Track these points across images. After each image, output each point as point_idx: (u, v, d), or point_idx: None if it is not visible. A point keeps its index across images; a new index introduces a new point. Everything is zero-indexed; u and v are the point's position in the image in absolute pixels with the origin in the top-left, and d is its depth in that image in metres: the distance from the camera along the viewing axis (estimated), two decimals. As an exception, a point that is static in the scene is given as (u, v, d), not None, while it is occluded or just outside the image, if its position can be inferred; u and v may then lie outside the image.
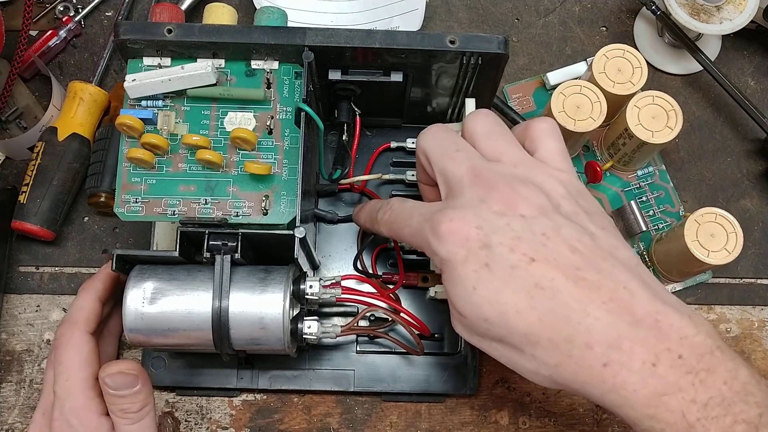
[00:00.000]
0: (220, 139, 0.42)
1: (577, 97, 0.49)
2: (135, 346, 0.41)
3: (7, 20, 0.54)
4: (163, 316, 0.40)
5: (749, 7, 0.51)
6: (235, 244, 0.41)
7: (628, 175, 0.54)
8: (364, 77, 0.45)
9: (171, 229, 0.48)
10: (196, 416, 0.50)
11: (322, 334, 0.43)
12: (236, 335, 0.41)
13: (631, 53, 0.50)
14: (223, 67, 0.43)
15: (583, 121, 0.49)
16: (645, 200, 0.54)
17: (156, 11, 0.45)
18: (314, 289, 0.42)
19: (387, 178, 0.51)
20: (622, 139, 0.50)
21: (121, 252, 0.41)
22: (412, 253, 0.50)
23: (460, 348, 0.49)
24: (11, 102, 0.55)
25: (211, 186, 0.42)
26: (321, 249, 0.51)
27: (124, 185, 0.42)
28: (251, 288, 0.41)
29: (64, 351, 0.42)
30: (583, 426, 0.51)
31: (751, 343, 0.52)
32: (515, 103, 0.56)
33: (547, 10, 0.58)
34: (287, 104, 0.43)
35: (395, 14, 0.55)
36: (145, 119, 0.42)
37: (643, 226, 0.51)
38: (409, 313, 0.47)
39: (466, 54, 0.42)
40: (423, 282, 0.49)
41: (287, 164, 0.42)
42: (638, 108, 0.49)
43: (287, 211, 0.42)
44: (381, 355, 0.49)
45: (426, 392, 0.49)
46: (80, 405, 0.41)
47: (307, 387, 0.49)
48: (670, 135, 0.49)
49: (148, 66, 0.43)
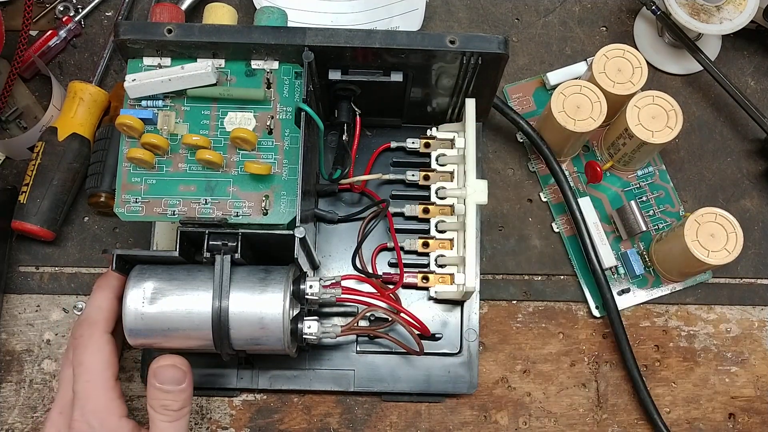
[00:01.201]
0: (220, 139, 0.42)
1: (577, 97, 0.49)
2: (135, 347, 0.41)
3: (7, 20, 0.54)
4: (163, 316, 0.40)
5: (749, 7, 0.51)
6: (235, 244, 0.41)
7: (628, 175, 0.54)
8: (364, 77, 0.45)
9: (171, 229, 0.48)
10: (196, 416, 0.50)
11: (322, 334, 0.43)
12: (236, 335, 0.41)
13: (631, 53, 0.50)
14: (223, 67, 0.43)
15: (583, 121, 0.49)
16: (645, 200, 0.54)
17: (156, 11, 0.45)
18: (314, 289, 0.42)
19: (387, 178, 0.51)
20: (622, 139, 0.50)
21: (121, 252, 0.41)
22: (412, 252, 0.50)
23: (461, 348, 0.50)
24: (11, 102, 0.55)
25: (211, 186, 0.42)
26: (321, 249, 0.51)
27: (124, 185, 0.42)
28: (251, 288, 0.41)
29: (84, 351, 0.42)
30: (583, 426, 0.51)
31: (751, 343, 0.52)
32: (515, 103, 0.56)
33: (547, 10, 0.58)
34: (287, 104, 0.43)
35: (395, 14, 0.55)
36: (145, 119, 0.42)
37: (644, 226, 0.51)
38: (410, 313, 0.47)
39: (466, 54, 0.42)
40: (423, 281, 0.49)
41: (287, 164, 0.42)
42: (638, 108, 0.49)
43: (287, 211, 0.42)
44: (381, 355, 0.49)
45: (426, 392, 0.49)
46: (102, 407, 0.41)
47: (307, 387, 0.49)
48: (670, 135, 0.49)
49: (148, 66, 0.43)
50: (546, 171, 0.53)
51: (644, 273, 0.52)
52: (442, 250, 0.49)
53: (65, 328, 0.51)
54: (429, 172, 0.51)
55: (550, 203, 0.54)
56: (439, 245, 0.49)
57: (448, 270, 0.49)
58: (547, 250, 0.53)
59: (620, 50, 0.50)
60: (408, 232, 0.51)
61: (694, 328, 0.53)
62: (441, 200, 0.50)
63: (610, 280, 0.52)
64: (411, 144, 0.51)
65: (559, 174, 0.51)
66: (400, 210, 0.50)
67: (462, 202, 0.48)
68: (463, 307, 0.50)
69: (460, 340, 0.50)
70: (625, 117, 0.49)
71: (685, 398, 0.51)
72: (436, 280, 0.49)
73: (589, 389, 0.51)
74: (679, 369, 0.52)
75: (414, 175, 0.51)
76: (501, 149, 0.55)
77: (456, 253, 0.49)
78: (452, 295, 0.49)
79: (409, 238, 0.50)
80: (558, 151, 0.53)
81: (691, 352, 0.52)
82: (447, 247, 0.49)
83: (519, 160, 0.55)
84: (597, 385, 0.51)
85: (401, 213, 0.50)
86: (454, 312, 0.50)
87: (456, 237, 0.49)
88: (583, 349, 0.52)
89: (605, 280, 0.50)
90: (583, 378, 0.51)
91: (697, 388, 0.52)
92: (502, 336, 0.52)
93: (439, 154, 0.50)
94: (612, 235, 0.53)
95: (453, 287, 0.48)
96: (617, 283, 0.52)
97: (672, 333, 0.52)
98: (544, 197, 0.54)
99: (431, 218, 0.50)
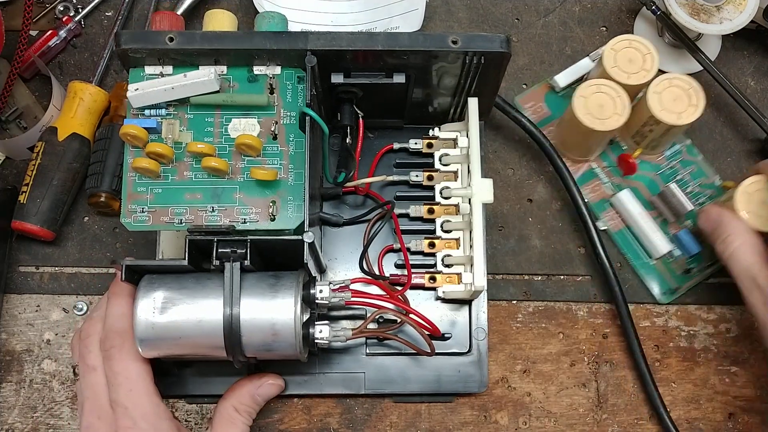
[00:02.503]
0: (224, 146, 0.42)
1: (598, 96, 0.49)
2: (146, 357, 0.41)
3: (7, 20, 0.54)
4: (174, 326, 0.40)
5: (749, 7, 0.51)
6: (245, 251, 0.40)
7: (657, 158, 0.54)
8: (367, 80, 0.45)
9: (176, 236, 0.47)
10: (196, 416, 0.50)
11: (333, 338, 0.43)
12: (248, 342, 0.41)
13: (638, 41, 0.50)
14: (225, 73, 0.43)
15: (609, 119, 0.49)
16: (680, 179, 0.54)
17: (156, 19, 0.44)
18: (324, 294, 0.42)
19: (391, 180, 0.51)
20: (648, 126, 0.50)
21: (130, 263, 0.40)
22: (418, 253, 0.50)
23: (470, 347, 0.50)
24: (11, 102, 0.55)
25: (217, 193, 0.42)
26: (326, 252, 0.51)
27: (130, 195, 0.42)
28: (262, 294, 0.41)
29: (119, 362, 0.42)
30: (583, 426, 0.51)
31: (751, 343, 0.52)
32: (530, 112, 0.55)
33: (547, 10, 0.58)
34: (291, 109, 0.43)
35: (395, 14, 0.55)
36: (149, 128, 0.41)
37: (689, 205, 0.52)
38: (420, 314, 0.47)
39: (468, 54, 0.42)
40: (431, 282, 0.49)
41: (293, 169, 0.42)
42: (658, 93, 0.49)
43: (295, 216, 0.41)
44: (390, 357, 0.49)
45: (437, 392, 0.49)
46: (151, 413, 0.41)
47: (318, 391, 0.49)
48: (696, 113, 0.49)
49: (149, 75, 0.42)
50: (579, 173, 0.54)
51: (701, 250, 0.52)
52: (449, 249, 0.49)
53: (65, 328, 0.51)
54: (432, 173, 0.51)
55: (590, 203, 0.53)
56: (446, 245, 0.49)
57: (455, 270, 0.49)
58: (547, 250, 0.53)
59: (626, 41, 0.50)
60: (413, 233, 0.51)
61: (694, 328, 0.53)
62: (446, 200, 0.50)
63: (667, 265, 0.52)
64: (414, 145, 0.51)
65: (563, 170, 0.52)
66: (404, 211, 0.50)
67: (467, 202, 0.48)
68: (471, 306, 0.50)
69: (469, 339, 0.50)
70: (647, 105, 0.49)
71: (685, 398, 0.52)
72: (444, 280, 0.49)
73: (589, 389, 0.52)
74: (679, 369, 0.52)
75: (417, 176, 0.51)
76: (501, 149, 0.55)
77: (462, 253, 0.49)
78: (460, 295, 0.49)
79: (414, 238, 0.50)
80: (585, 152, 0.53)
81: (691, 352, 0.52)
82: (453, 247, 0.49)
83: (519, 159, 0.55)
84: (597, 385, 0.52)
85: (406, 214, 0.50)
86: (462, 311, 0.50)
87: (462, 236, 0.49)
88: (583, 349, 0.52)
89: (614, 273, 0.51)
90: (583, 378, 0.52)
91: (697, 388, 0.52)
92: (502, 336, 0.52)
93: (442, 153, 0.50)
94: (658, 220, 0.53)
95: (461, 287, 0.49)
96: (676, 266, 0.53)
97: (672, 333, 0.53)
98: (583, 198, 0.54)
99: (436, 218, 0.50)
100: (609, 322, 0.52)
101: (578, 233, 0.54)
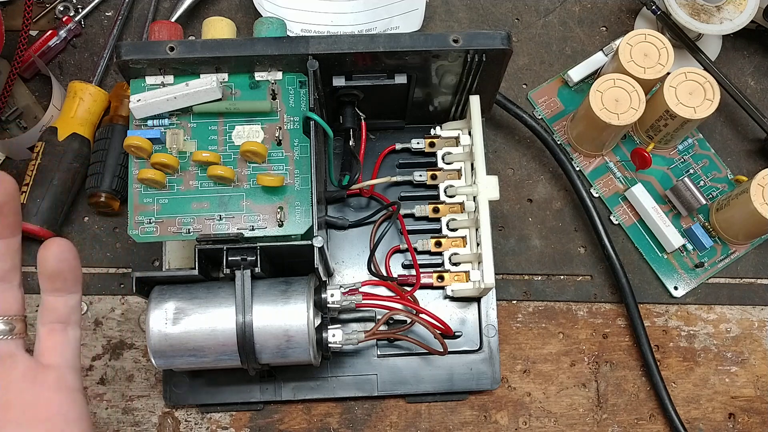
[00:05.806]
0: (229, 154, 0.42)
1: (614, 91, 0.49)
2: (159, 368, 0.41)
3: (7, 20, 0.54)
4: (187, 336, 0.40)
5: (749, 7, 0.51)
6: (255, 258, 0.40)
7: (670, 152, 0.54)
8: (369, 81, 0.45)
9: (182, 246, 0.47)
10: (196, 416, 0.50)
11: (346, 341, 0.43)
12: (262, 349, 0.41)
13: (653, 35, 0.50)
14: (226, 81, 0.43)
15: (625, 113, 0.49)
16: (693, 172, 0.54)
17: (154, 29, 0.44)
18: (336, 297, 0.42)
19: (395, 181, 0.51)
20: (663, 120, 0.50)
21: (140, 275, 0.40)
22: (425, 252, 0.50)
23: (481, 344, 0.50)
24: (11, 102, 0.55)
25: (224, 201, 0.41)
26: (333, 255, 0.51)
27: (136, 206, 0.41)
28: (274, 301, 0.41)
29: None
30: (583, 426, 0.51)
31: (751, 343, 0.53)
32: (543, 107, 0.55)
33: (547, 10, 0.58)
34: (294, 114, 0.43)
35: (395, 14, 0.55)
36: (153, 139, 0.41)
37: (702, 199, 0.52)
38: (431, 314, 0.47)
39: (470, 52, 0.42)
40: (439, 281, 0.49)
41: (299, 174, 0.42)
42: (674, 87, 0.49)
43: (303, 221, 0.41)
44: (402, 358, 0.49)
45: (450, 391, 0.49)
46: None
47: (331, 395, 0.49)
48: (712, 107, 0.49)
49: (151, 85, 0.42)
50: (592, 167, 0.54)
51: (713, 244, 0.53)
52: (455, 248, 0.49)
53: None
54: (436, 172, 0.51)
55: (602, 197, 0.54)
56: (452, 243, 0.49)
57: (462, 268, 0.49)
58: (547, 250, 0.53)
59: (642, 35, 0.50)
60: (419, 232, 0.51)
61: (694, 328, 0.53)
62: (450, 198, 0.50)
63: (679, 259, 0.53)
64: (416, 144, 0.51)
65: (566, 164, 0.52)
66: (410, 211, 0.50)
67: (471, 199, 0.48)
68: (480, 304, 0.50)
69: (479, 336, 0.50)
70: (663, 98, 0.49)
71: (685, 398, 0.52)
72: (452, 278, 0.49)
73: (589, 389, 0.51)
74: (679, 369, 0.52)
75: (421, 176, 0.51)
76: (501, 149, 0.55)
77: (469, 251, 0.49)
78: (469, 293, 0.49)
79: (421, 238, 0.50)
80: (599, 147, 0.53)
81: (691, 352, 0.52)
82: (460, 245, 0.49)
83: (519, 159, 0.55)
84: (597, 385, 0.52)
85: (411, 214, 0.50)
86: (471, 309, 0.50)
87: (468, 234, 0.49)
88: (583, 349, 0.52)
89: (623, 270, 0.51)
90: (583, 378, 0.52)
91: (697, 388, 0.52)
92: (502, 336, 0.52)
93: (444, 152, 0.50)
94: (670, 214, 0.53)
95: (469, 285, 0.49)
96: (688, 260, 0.53)
97: (672, 333, 0.53)
98: (596, 193, 0.54)
99: (442, 217, 0.50)
100: (609, 322, 0.52)
101: (578, 233, 0.54)
